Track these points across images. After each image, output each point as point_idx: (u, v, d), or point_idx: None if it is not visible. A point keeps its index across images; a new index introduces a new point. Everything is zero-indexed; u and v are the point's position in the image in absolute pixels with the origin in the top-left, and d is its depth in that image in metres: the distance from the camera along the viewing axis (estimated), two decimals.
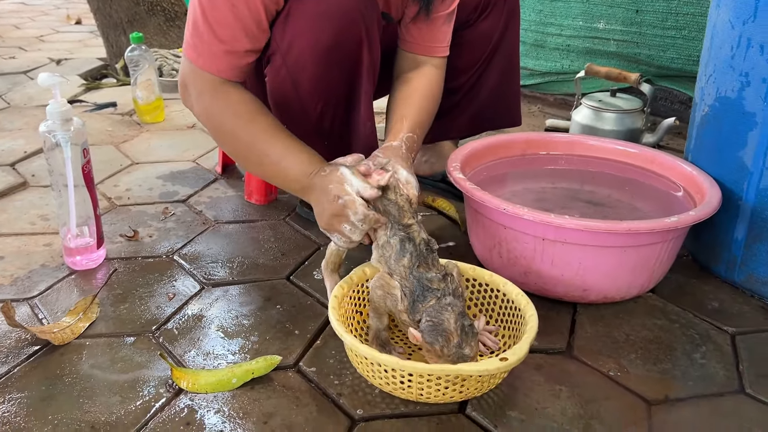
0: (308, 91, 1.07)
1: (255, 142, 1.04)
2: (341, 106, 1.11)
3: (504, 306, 0.97)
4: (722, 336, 1.01)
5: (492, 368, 0.80)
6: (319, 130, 1.13)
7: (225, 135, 1.07)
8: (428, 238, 0.93)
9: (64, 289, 1.11)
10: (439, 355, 0.83)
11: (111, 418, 0.83)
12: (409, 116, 1.12)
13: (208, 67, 1.04)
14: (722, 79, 1.09)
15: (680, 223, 0.97)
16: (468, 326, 0.84)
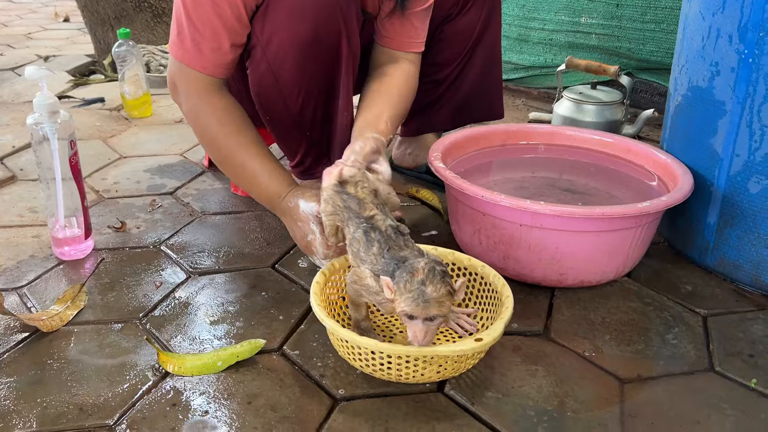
0: (289, 83, 1.10)
1: (233, 154, 1.11)
2: (322, 98, 1.13)
3: (482, 289, 1.00)
4: (694, 318, 1.05)
5: (467, 349, 0.83)
6: (300, 121, 1.15)
7: (207, 139, 1.13)
8: (396, 224, 0.91)
9: (52, 279, 1.13)
10: (401, 292, 0.81)
11: (99, 401, 0.85)
12: (386, 111, 1.13)
13: (193, 64, 1.07)
14: (694, 69, 1.12)
15: (652, 208, 1.00)
16: (440, 271, 0.81)
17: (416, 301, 0.80)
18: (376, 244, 0.88)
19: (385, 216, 0.92)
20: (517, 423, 0.83)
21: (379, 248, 0.87)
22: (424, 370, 0.85)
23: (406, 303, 0.81)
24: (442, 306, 0.81)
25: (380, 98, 1.16)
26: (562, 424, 0.83)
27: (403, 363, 0.84)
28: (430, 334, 0.82)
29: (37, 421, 0.82)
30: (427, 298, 0.80)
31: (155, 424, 0.82)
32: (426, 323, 0.82)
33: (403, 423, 0.82)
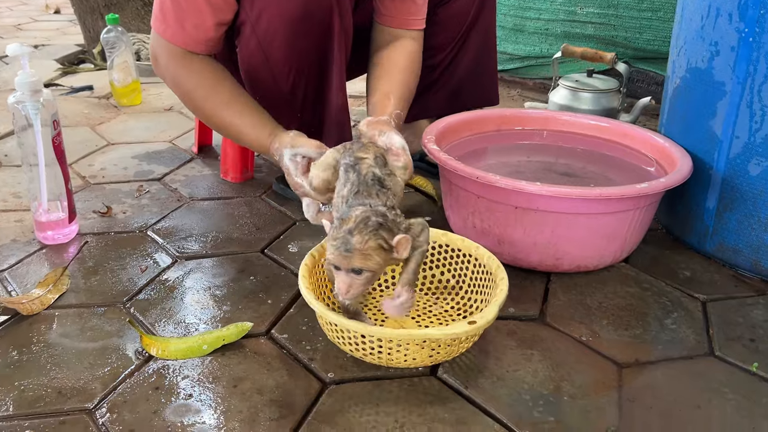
0: (279, 60, 1.07)
1: (215, 112, 1.10)
2: (313, 76, 1.11)
3: (476, 271, 0.97)
4: (693, 303, 1.02)
5: (460, 332, 0.80)
6: (291, 101, 1.12)
7: (190, 103, 1.12)
8: (381, 175, 0.84)
9: (34, 263, 1.09)
10: (330, 240, 0.77)
11: (78, 384, 0.82)
12: (395, 93, 1.12)
13: (174, 40, 1.05)
14: (693, 50, 1.10)
15: (650, 189, 0.98)
16: (374, 222, 0.76)
17: (338, 250, 0.76)
18: (349, 185, 0.82)
19: (375, 164, 0.84)
20: (512, 406, 0.80)
21: (349, 190, 0.82)
22: (416, 353, 0.82)
23: (329, 251, 0.77)
24: (367, 259, 0.76)
25: (384, 79, 1.13)
26: (558, 408, 0.80)
27: (394, 347, 0.81)
28: (354, 288, 0.78)
29: (13, 404, 0.79)
30: (349, 248, 0.75)
31: (137, 407, 0.78)
32: (351, 275, 0.77)
33: (395, 406, 0.79)
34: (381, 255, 0.77)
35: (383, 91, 1.12)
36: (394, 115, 1.07)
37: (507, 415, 0.79)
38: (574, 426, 0.78)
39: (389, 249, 0.77)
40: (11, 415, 0.77)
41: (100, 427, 0.76)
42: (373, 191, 0.82)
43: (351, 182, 0.83)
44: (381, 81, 1.14)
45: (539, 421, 0.78)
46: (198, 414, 0.78)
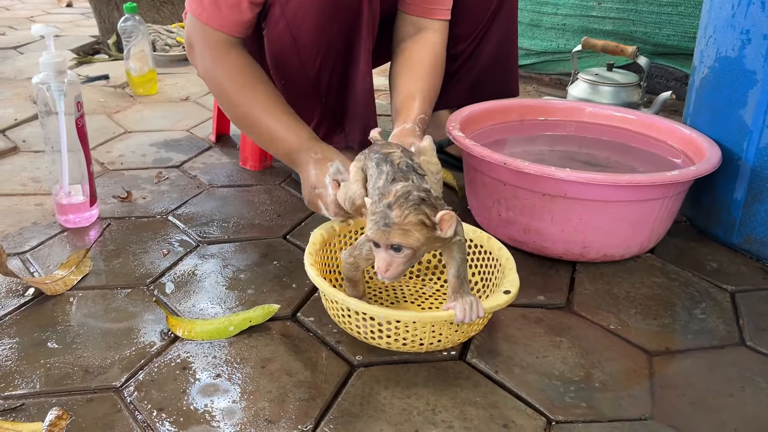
0: (307, 44, 1.06)
1: (250, 111, 1.07)
2: (340, 61, 1.10)
3: (486, 260, 0.95)
4: (722, 294, 1.01)
5: (496, 304, 0.79)
6: (316, 85, 1.12)
7: (223, 97, 1.09)
8: (416, 163, 0.82)
9: (56, 245, 1.09)
10: (368, 215, 0.75)
11: (105, 363, 0.81)
12: (419, 94, 1.10)
13: (211, 22, 1.04)
14: (722, 39, 1.09)
15: (681, 177, 0.97)
16: (416, 197, 0.72)
17: (377, 225, 0.72)
18: (384, 176, 0.79)
19: (403, 154, 0.82)
20: (543, 392, 0.79)
21: (385, 180, 0.78)
22: (415, 332, 0.80)
23: (368, 226, 0.74)
24: (407, 235, 0.72)
25: (408, 77, 1.12)
26: (590, 394, 0.79)
27: (393, 327, 0.79)
28: (394, 267, 0.74)
29: (40, 381, 0.78)
30: (388, 222, 0.72)
31: (164, 386, 0.78)
32: (390, 253, 0.74)
33: (424, 388, 0.78)
34: (422, 232, 0.73)
35: (407, 91, 1.10)
36: (419, 120, 1.06)
37: (539, 400, 0.78)
38: (607, 412, 0.77)
39: (431, 226, 0.73)
40: (38, 392, 0.76)
41: (128, 405, 0.75)
42: (410, 176, 0.78)
43: (386, 173, 0.79)
44: (405, 79, 1.13)
45: (571, 406, 0.77)
46: (226, 394, 0.77)
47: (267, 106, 1.05)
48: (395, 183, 0.77)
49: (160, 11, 2.35)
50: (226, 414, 0.74)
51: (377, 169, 0.81)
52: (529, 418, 0.75)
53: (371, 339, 0.83)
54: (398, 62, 1.17)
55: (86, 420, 0.73)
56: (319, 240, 0.92)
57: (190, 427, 0.72)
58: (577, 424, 0.75)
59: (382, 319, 0.79)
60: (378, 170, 0.81)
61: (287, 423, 0.73)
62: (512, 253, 0.91)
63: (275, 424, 0.73)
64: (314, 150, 1.02)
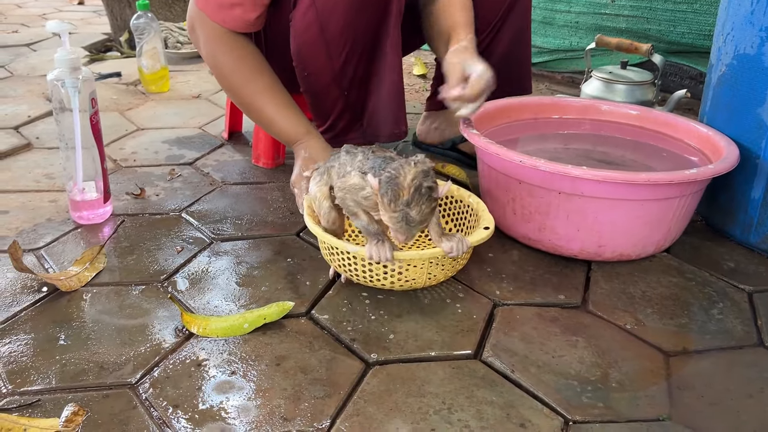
0: (336, 34, 1.06)
1: (252, 100, 1.13)
2: (366, 53, 1.10)
3: (458, 208, 1.06)
4: (739, 294, 1.00)
5: (479, 238, 0.91)
6: (340, 77, 1.11)
7: (226, 85, 1.15)
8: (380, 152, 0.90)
9: (70, 242, 1.09)
10: (385, 209, 0.82)
11: (120, 359, 0.81)
12: (465, 21, 1.14)
13: (214, 16, 1.04)
14: (741, 37, 1.07)
15: (699, 176, 0.96)
16: (426, 188, 0.81)
17: (399, 224, 0.82)
18: (360, 155, 0.89)
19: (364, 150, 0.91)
20: (560, 391, 0.78)
21: (363, 156, 0.88)
22: (421, 272, 0.90)
23: (391, 223, 0.82)
24: (425, 221, 0.83)
25: (450, 11, 1.15)
26: (607, 394, 0.79)
27: (396, 268, 0.89)
28: (412, 237, 0.85)
29: (55, 377, 0.78)
30: (411, 222, 0.81)
31: (180, 383, 0.78)
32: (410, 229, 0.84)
33: (440, 387, 0.78)
34: (432, 211, 0.84)
35: (452, 20, 1.13)
36: (470, 38, 1.09)
37: (556, 400, 0.77)
38: (624, 412, 0.76)
39: (436, 204, 0.85)
40: (54, 388, 0.76)
41: (144, 402, 0.75)
42: (383, 152, 0.90)
43: (361, 152, 0.90)
44: (447, 13, 1.15)
45: (589, 406, 0.76)
46: (242, 391, 0.77)
47: (268, 97, 1.12)
48: (389, 162, 0.84)
49: (172, 9, 2.35)
50: (242, 411, 0.74)
51: (348, 154, 0.90)
52: (546, 418, 0.74)
53: (376, 281, 0.91)
54: (432, 11, 1.18)
55: (102, 416, 0.73)
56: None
57: (205, 424, 0.72)
58: (595, 424, 0.74)
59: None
60: (350, 155, 0.90)
61: (303, 421, 0.73)
62: (527, 252, 0.92)
63: (291, 422, 0.72)
64: (305, 147, 1.09)
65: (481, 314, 0.92)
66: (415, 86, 2.06)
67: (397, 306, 0.93)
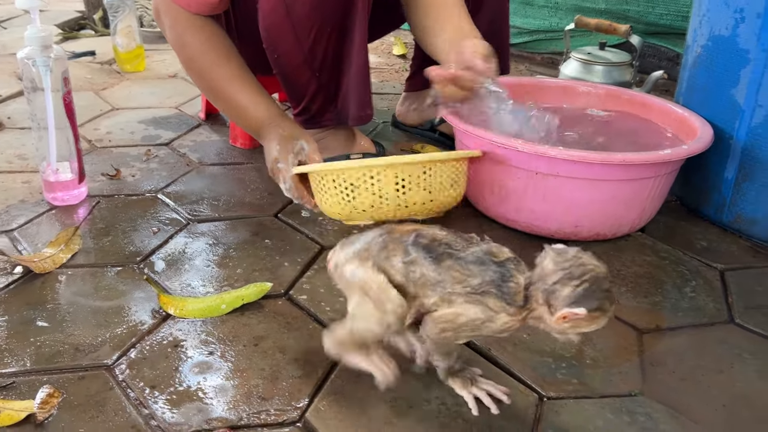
0: (302, 16, 1.04)
1: (219, 85, 1.11)
2: (335, 36, 1.08)
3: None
4: (711, 272, 1.02)
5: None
6: (310, 59, 1.10)
7: (193, 70, 1.13)
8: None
9: (44, 223, 1.07)
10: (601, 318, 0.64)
11: (96, 341, 0.81)
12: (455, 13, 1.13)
13: (178, 1, 1.03)
14: (716, 18, 1.08)
15: (673, 156, 0.97)
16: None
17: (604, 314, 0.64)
18: (434, 264, 0.66)
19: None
20: (535, 369, 0.79)
21: (439, 265, 0.66)
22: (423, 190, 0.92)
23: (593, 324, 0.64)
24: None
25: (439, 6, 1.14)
26: (581, 370, 0.80)
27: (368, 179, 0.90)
28: None
29: (30, 359, 0.77)
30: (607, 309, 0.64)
31: (157, 364, 0.77)
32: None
33: (417, 365, 0.78)
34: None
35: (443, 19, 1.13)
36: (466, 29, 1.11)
37: (531, 377, 0.78)
38: (597, 388, 0.77)
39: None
40: (29, 370, 0.76)
41: (120, 383, 0.74)
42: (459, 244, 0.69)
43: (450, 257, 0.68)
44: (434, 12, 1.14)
45: (563, 383, 0.78)
46: (219, 371, 0.77)
47: (238, 82, 1.09)
48: (469, 248, 0.68)
49: None
50: (219, 391, 0.74)
51: (430, 270, 0.67)
52: (521, 395, 0.76)
53: (377, 209, 0.92)
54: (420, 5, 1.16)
55: (78, 398, 0.72)
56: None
57: (182, 405, 0.72)
58: (569, 400, 0.76)
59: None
60: (431, 270, 0.67)
61: (280, 400, 0.73)
62: (505, 232, 0.92)
63: (268, 401, 0.73)
64: (282, 126, 1.06)
65: None
66: (394, 66, 2.05)
67: None
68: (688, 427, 0.73)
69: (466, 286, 0.65)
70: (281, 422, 0.70)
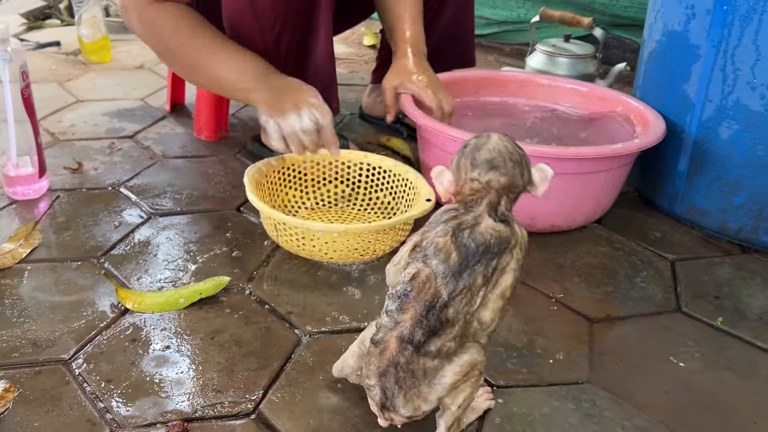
0: (266, 9, 1.05)
1: (198, 55, 1.05)
2: (299, 28, 1.09)
3: (396, 182, 1.10)
4: (663, 262, 1.05)
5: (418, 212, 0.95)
6: (275, 53, 1.11)
7: (168, 52, 1.08)
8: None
9: (4, 218, 1.07)
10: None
11: (53, 336, 0.81)
12: (407, 20, 1.19)
13: None
14: (670, 14, 1.11)
15: (624, 150, 0.99)
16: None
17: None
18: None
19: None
20: (487, 359, 0.82)
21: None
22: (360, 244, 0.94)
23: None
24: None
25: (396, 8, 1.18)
26: (531, 360, 0.82)
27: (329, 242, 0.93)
28: None
29: None
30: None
31: (114, 358, 0.78)
32: None
33: None
34: None
35: (397, 20, 1.20)
36: (412, 45, 1.19)
37: None
38: (545, 377, 0.80)
39: None
40: None
41: (77, 377, 0.75)
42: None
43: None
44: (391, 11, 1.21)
45: (513, 372, 0.80)
46: (176, 365, 0.78)
47: (215, 46, 1.03)
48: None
49: None
50: (175, 385, 0.75)
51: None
52: None
53: (324, 254, 0.95)
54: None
55: (34, 392, 0.73)
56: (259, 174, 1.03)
57: (138, 398, 0.73)
58: (518, 388, 0.78)
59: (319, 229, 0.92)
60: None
61: (235, 392, 0.74)
62: None
63: (223, 393, 0.74)
64: (276, 79, 1.03)
65: None
66: (364, 57, 2.05)
67: (333, 280, 0.95)
68: (631, 412, 0.76)
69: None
70: (235, 414, 0.72)
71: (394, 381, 0.63)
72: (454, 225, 0.65)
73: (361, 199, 1.13)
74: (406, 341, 0.62)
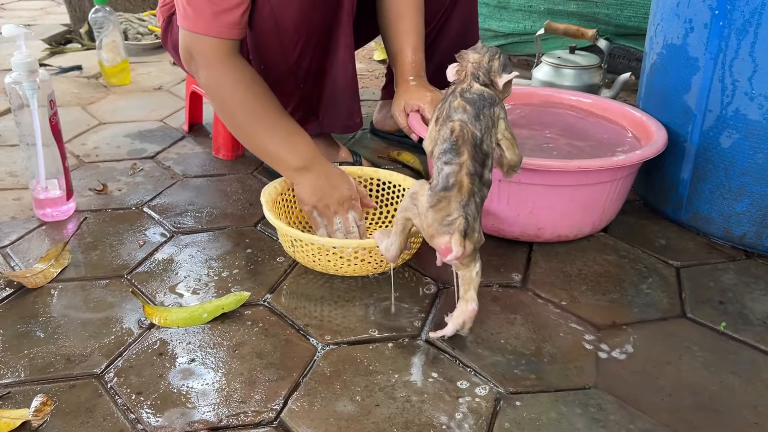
0: (290, 30, 1.11)
1: (256, 123, 1.08)
2: (319, 49, 1.15)
3: (393, 193, 1.15)
4: (668, 269, 1.08)
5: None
6: (295, 71, 1.16)
7: (227, 110, 1.10)
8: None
9: (35, 239, 1.13)
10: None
11: (85, 351, 0.86)
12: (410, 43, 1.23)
13: (206, 31, 1.04)
14: (669, 27, 1.14)
15: (627, 161, 1.03)
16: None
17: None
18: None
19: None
20: (496, 366, 0.85)
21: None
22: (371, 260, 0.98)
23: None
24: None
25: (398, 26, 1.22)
26: (539, 366, 0.86)
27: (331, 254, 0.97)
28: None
29: (24, 370, 0.83)
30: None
31: (143, 371, 0.83)
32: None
33: (385, 366, 0.84)
34: None
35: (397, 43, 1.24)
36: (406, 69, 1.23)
37: (491, 373, 0.84)
38: (553, 382, 0.83)
39: None
40: (23, 380, 0.81)
41: (109, 390, 0.80)
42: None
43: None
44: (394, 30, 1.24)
45: (522, 378, 0.84)
46: (201, 377, 0.82)
47: (272, 125, 1.07)
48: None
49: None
50: (200, 395, 0.79)
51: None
52: (481, 390, 0.81)
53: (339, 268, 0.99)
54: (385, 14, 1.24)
55: (69, 405, 0.78)
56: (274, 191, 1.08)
57: (167, 409, 0.77)
58: (526, 394, 0.81)
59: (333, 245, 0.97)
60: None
61: (258, 403, 0.79)
62: None
63: (246, 403, 0.78)
64: (321, 165, 1.07)
65: (427, 296, 0.99)
66: (375, 72, 2.10)
67: (347, 291, 0.99)
68: (635, 415, 0.79)
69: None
70: (258, 422, 0.76)
71: (474, 208, 0.81)
72: (458, 90, 0.88)
73: (372, 213, 1.17)
74: (473, 174, 0.81)
